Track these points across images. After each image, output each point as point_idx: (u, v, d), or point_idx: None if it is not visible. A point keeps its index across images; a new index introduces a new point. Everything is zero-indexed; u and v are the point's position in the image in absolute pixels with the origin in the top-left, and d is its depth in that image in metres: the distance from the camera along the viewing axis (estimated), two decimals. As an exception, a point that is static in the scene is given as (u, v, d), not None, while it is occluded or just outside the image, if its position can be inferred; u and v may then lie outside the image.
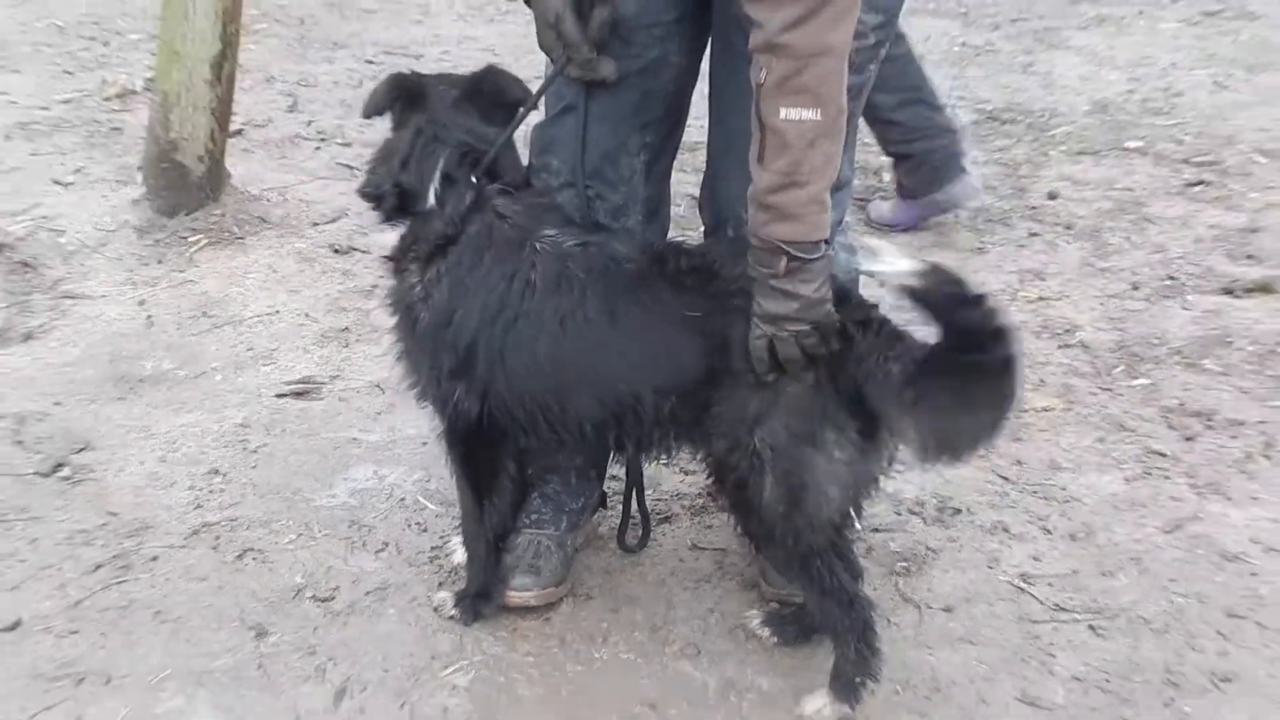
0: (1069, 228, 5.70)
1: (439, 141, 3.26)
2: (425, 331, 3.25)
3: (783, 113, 2.81)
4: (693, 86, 3.48)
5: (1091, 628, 3.51)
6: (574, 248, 3.19)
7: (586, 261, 3.16)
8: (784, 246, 2.88)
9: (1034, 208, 5.87)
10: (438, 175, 3.24)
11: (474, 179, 3.25)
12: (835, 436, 3.00)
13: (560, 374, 3.16)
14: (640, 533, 3.70)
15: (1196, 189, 6.06)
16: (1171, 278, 5.28)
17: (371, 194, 3.37)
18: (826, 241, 2.94)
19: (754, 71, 2.85)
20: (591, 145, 3.38)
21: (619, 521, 3.69)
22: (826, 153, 2.87)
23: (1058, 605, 3.58)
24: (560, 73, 3.27)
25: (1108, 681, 3.33)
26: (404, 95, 3.35)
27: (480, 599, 3.48)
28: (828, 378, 2.97)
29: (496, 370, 3.19)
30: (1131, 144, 6.55)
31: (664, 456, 3.37)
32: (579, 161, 3.39)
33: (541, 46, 3.30)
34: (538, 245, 3.19)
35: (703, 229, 3.60)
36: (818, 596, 3.15)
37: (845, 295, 3.05)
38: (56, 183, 5.86)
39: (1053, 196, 5.98)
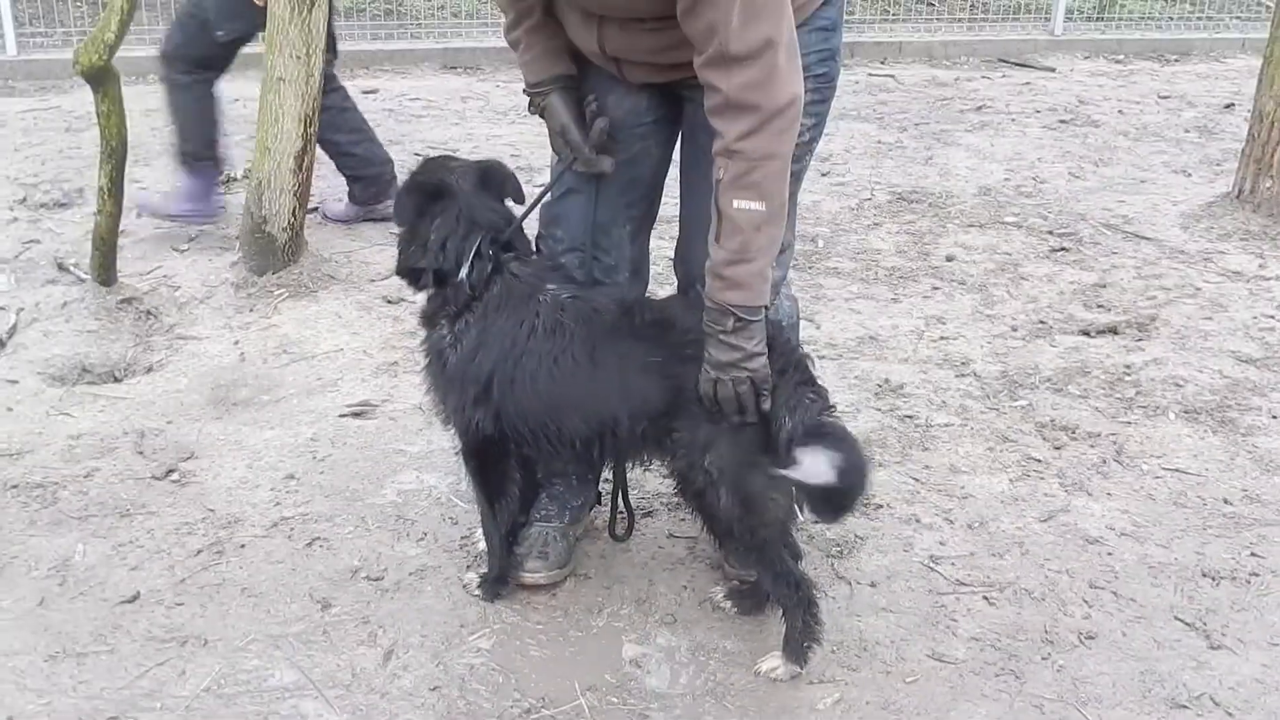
0: (963, 283, 5.62)
1: (470, 230, 3.14)
2: (454, 370, 3.15)
3: (736, 204, 2.80)
4: (666, 172, 3.43)
5: (986, 598, 3.43)
6: (568, 300, 3.12)
7: (575, 311, 3.10)
8: (733, 309, 2.86)
9: (935, 267, 5.80)
10: (471, 255, 3.13)
11: (493, 252, 3.15)
12: (769, 459, 2.94)
13: (555, 400, 3.08)
14: (627, 525, 3.58)
15: (1059, 254, 6.03)
16: (1042, 322, 5.21)
17: (408, 274, 3.26)
18: (766, 306, 2.92)
19: (715, 170, 2.83)
20: (588, 220, 3.33)
21: (609, 516, 3.57)
22: (770, 235, 2.85)
23: (959, 580, 3.50)
24: (568, 169, 3.25)
25: (999, 641, 3.26)
26: (427, 197, 3.20)
27: (498, 582, 3.37)
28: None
29: (508, 397, 3.10)
30: (1009, 219, 6.50)
31: (642, 467, 3.31)
32: (580, 232, 3.34)
33: (553, 148, 3.30)
34: (541, 298, 3.12)
35: (676, 285, 3.52)
36: (771, 579, 3.08)
37: (773, 342, 2.99)
38: (175, 249, 5.77)
39: (950, 259, 5.90)
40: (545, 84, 3.20)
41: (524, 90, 3.27)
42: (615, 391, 3.04)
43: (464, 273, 3.12)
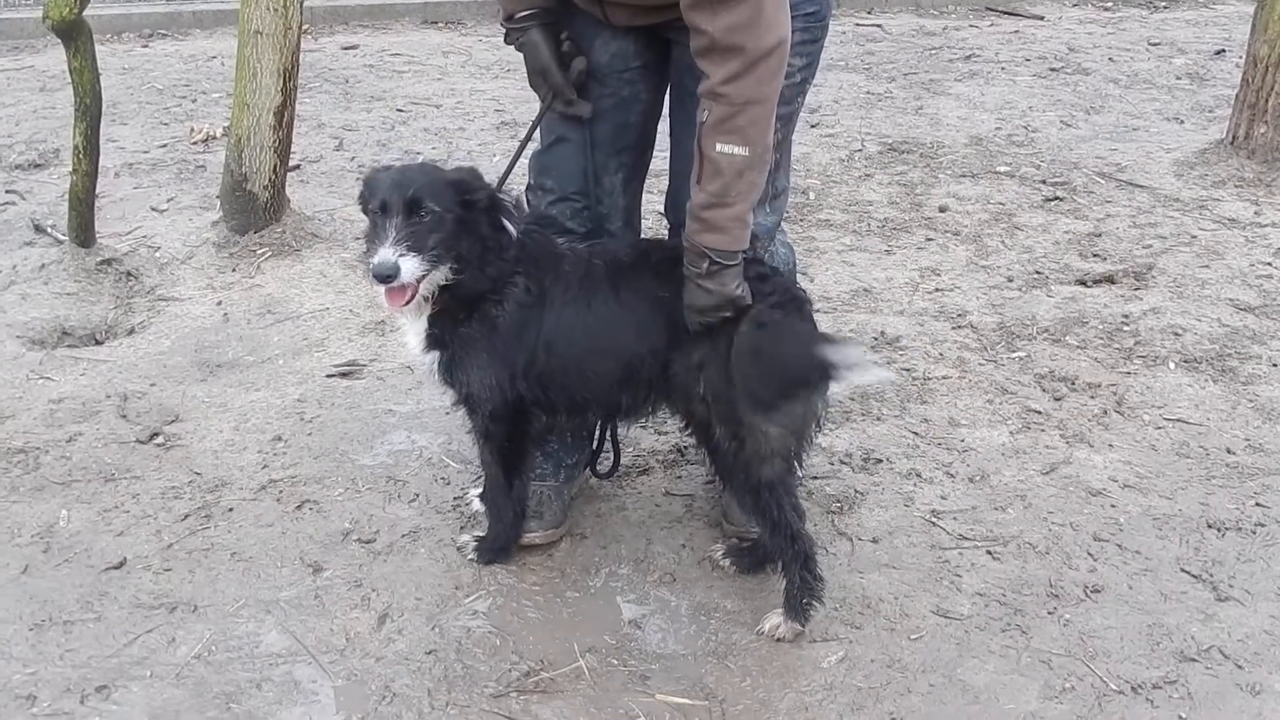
0: (956, 234, 5.56)
1: (501, 212, 3.03)
2: (504, 344, 3.03)
3: (718, 147, 2.76)
4: (657, 119, 3.35)
5: (989, 552, 3.37)
6: (589, 247, 3.10)
7: (602, 256, 3.06)
8: (708, 252, 2.82)
9: (929, 218, 5.73)
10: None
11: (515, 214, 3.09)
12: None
13: (591, 344, 3.03)
14: (611, 463, 3.55)
15: (1053, 203, 5.96)
16: (1038, 272, 5.15)
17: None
18: (744, 252, 2.88)
19: (699, 112, 2.79)
20: (579, 168, 3.27)
21: (593, 455, 3.54)
22: (751, 181, 2.81)
23: (961, 535, 3.44)
24: (548, 109, 3.20)
25: (1004, 596, 3.20)
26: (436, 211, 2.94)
27: (502, 551, 3.30)
28: None
29: (551, 352, 3.04)
30: (1001, 168, 6.44)
31: (651, 414, 3.25)
32: (571, 181, 3.28)
33: (532, 87, 3.24)
34: (564, 250, 3.07)
35: (668, 233, 3.47)
36: (769, 530, 3.02)
37: (767, 277, 2.99)
38: (154, 210, 5.69)
39: (943, 209, 5.83)
40: (524, 17, 3.13)
41: (501, 22, 3.20)
42: (637, 329, 3.01)
43: (514, 237, 3.02)
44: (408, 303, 2.89)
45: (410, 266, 2.82)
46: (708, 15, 2.69)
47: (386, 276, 2.80)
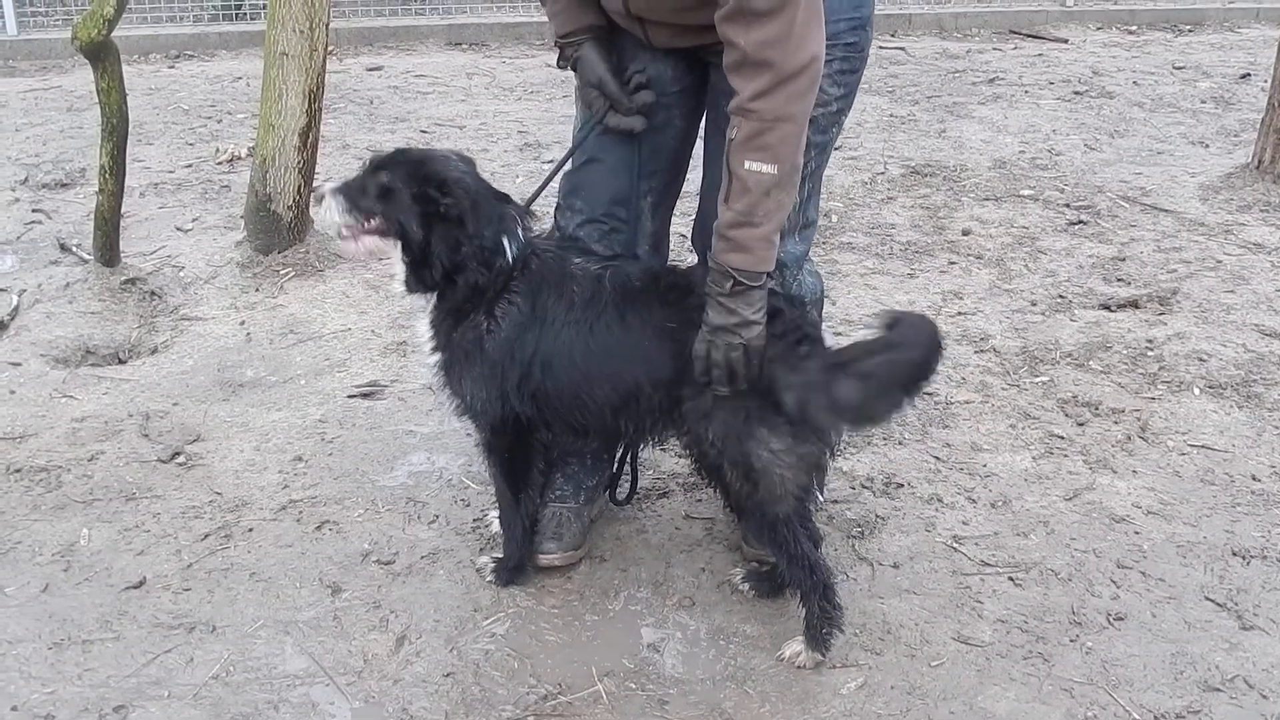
0: (979, 257, 5.54)
1: (503, 213, 3.05)
2: (495, 356, 3.03)
3: (746, 164, 2.73)
4: (691, 145, 3.35)
5: (1011, 579, 3.35)
6: (601, 270, 3.05)
7: (612, 280, 3.02)
8: (733, 272, 2.79)
9: (951, 242, 5.72)
10: (509, 237, 3.04)
11: (522, 230, 3.07)
12: (768, 430, 2.87)
13: (589, 368, 3.00)
14: (629, 490, 3.54)
15: (1076, 227, 5.94)
16: (1061, 296, 5.12)
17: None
18: (769, 274, 2.85)
19: (728, 129, 2.77)
20: (610, 190, 3.25)
21: (611, 480, 3.52)
22: (779, 200, 2.78)
23: (983, 561, 3.42)
24: (600, 122, 3.17)
25: (1025, 623, 3.18)
26: (435, 194, 3.02)
27: (516, 570, 3.30)
28: (756, 383, 2.85)
29: (547, 375, 3.02)
30: (1025, 192, 6.42)
31: (659, 443, 3.25)
32: (600, 203, 3.26)
33: (583, 102, 3.23)
34: (576, 272, 3.04)
35: (697, 258, 3.43)
36: (785, 561, 3.00)
37: (777, 312, 2.91)
38: (179, 229, 5.71)
39: (966, 233, 5.81)
40: (577, 34, 3.12)
41: (554, 42, 3.20)
42: (639, 358, 2.98)
43: (510, 254, 3.01)
44: (349, 240, 3.12)
45: (331, 204, 3.07)
46: (741, 29, 2.68)
47: (318, 198, 3.12)
